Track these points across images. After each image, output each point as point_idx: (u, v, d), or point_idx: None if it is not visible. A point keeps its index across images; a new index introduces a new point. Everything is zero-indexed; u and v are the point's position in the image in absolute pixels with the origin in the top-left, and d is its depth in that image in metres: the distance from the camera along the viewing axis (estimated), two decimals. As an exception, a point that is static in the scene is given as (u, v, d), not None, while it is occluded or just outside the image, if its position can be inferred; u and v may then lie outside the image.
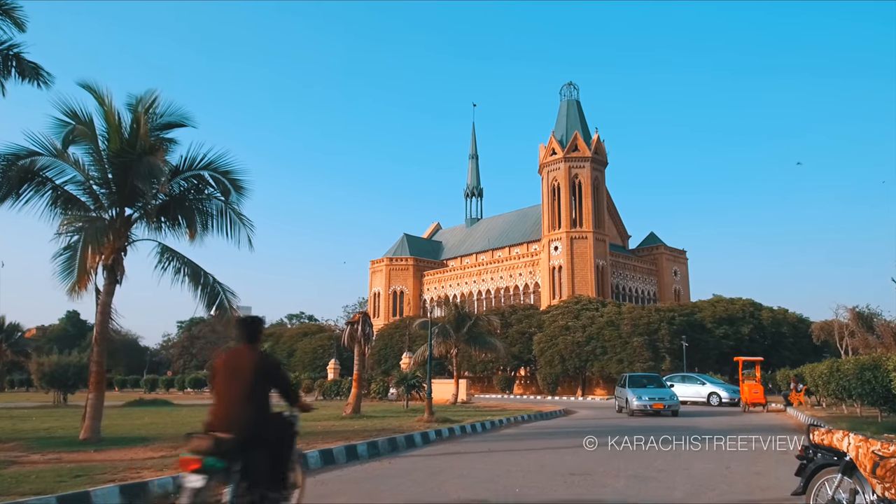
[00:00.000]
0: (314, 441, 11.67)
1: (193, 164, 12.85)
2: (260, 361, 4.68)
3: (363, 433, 13.20)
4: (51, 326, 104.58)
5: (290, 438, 4.92)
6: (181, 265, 12.78)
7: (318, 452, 9.81)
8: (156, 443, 11.58)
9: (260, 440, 4.47)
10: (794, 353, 47.02)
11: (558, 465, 9.71)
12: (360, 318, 18.80)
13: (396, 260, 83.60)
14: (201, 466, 4.22)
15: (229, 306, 13.09)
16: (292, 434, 4.95)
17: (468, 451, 11.67)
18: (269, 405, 4.70)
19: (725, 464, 9.60)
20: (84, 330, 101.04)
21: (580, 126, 69.40)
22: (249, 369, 4.61)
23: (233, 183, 13.09)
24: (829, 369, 17.58)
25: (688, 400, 29.81)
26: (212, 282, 13.02)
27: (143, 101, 12.26)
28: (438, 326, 25.85)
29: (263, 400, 4.66)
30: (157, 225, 12.73)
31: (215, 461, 4.24)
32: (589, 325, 45.14)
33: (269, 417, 4.69)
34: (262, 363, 4.68)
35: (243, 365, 4.64)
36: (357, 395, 19.08)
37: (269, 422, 4.68)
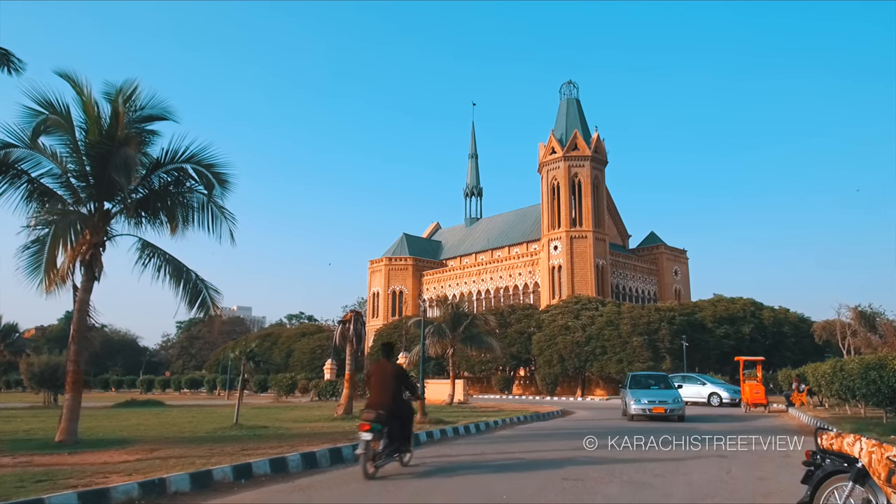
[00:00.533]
0: (298, 443, 11.25)
1: (175, 157, 12.42)
2: (396, 370, 8.67)
3: (352, 435, 12.76)
4: (50, 327, 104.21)
5: (410, 414, 9.01)
6: (163, 261, 12.36)
7: (299, 456, 9.36)
8: (134, 445, 11.16)
9: (396, 415, 8.29)
10: (795, 353, 46.59)
11: (551, 469, 9.27)
12: (353, 316, 18.32)
13: (395, 260, 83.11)
14: (370, 428, 7.92)
15: (212, 304, 12.67)
16: (412, 411, 9.12)
17: (460, 454, 11.24)
18: (401, 395, 8.52)
19: (726, 468, 9.16)
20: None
21: (580, 125, 68.89)
22: (390, 375, 8.50)
23: (216, 176, 12.66)
24: (833, 369, 17.13)
25: (688, 400, 29.23)
26: (194, 279, 12.60)
27: (122, 92, 11.82)
28: (433, 326, 25.37)
29: (398, 392, 8.45)
30: (138, 219, 12.30)
31: (377, 425, 7.97)
32: (588, 325, 44.69)
33: (400, 402, 8.49)
34: (397, 371, 8.68)
35: (387, 372, 8.52)
36: (349, 395, 18.65)
37: (401, 405, 8.50)
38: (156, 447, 10.77)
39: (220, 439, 12.20)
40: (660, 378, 20.72)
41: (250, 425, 14.85)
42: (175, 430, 14.46)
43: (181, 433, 13.60)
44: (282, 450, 10.31)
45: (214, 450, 10.46)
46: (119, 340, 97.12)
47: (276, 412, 21.48)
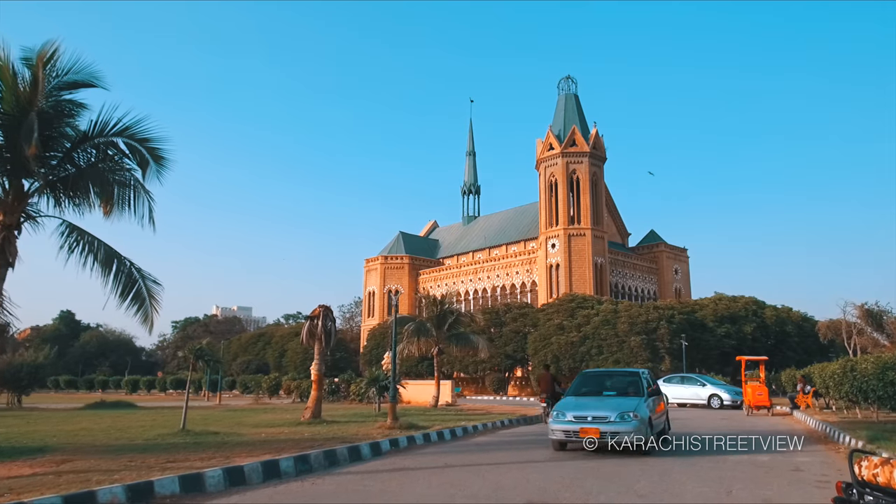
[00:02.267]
0: (238, 454, 9.85)
1: (106, 130, 11.01)
2: (551, 375, 18.97)
3: (305, 443, 11.37)
4: (45, 326, 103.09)
5: (559, 396, 15.44)
6: (91, 247, 10.94)
7: (221, 472, 7.94)
8: (48, 455, 9.78)
9: (553, 396, 17.09)
10: (798, 353, 45.15)
11: (518, 487, 7.86)
12: (321, 311, 16.94)
13: (392, 258, 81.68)
14: (545, 401, 18.07)
15: (149, 297, 11.25)
16: (559, 394, 15.97)
17: (419, 467, 9.82)
18: (555, 388, 17.99)
19: (726, 486, 7.74)
20: (78, 330, 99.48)
21: (578, 121, 67.45)
22: (549, 378, 18.59)
23: (151, 152, 11.26)
24: (843, 369, 15.70)
25: (687, 402, 28.05)
26: (128, 267, 11.19)
27: (42, 55, 10.41)
28: (416, 324, 23.96)
29: (553, 386, 18.09)
30: (61, 199, 10.89)
31: (548, 400, 17.44)
32: (584, 324, 43.23)
33: (553, 391, 17.71)
34: (552, 376, 18.87)
35: (548, 377, 18.74)
36: (317, 398, 17.24)
37: (554, 392, 17.50)
38: (69, 458, 9.39)
39: (153, 448, 10.82)
40: (623, 379, 12.93)
41: (199, 431, 13.46)
42: (114, 436, 13.07)
43: (117, 440, 12.22)
44: (213, 462, 8.93)
45: (135, 461, 9.08)
46: (114, 340, 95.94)
47: (244, 415, 20.08)
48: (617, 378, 13.28)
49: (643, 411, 10.66)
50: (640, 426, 10.26)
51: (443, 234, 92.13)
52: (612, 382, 12.70)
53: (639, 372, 12.67)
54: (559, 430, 10.83)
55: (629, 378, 12.62)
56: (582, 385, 12.57)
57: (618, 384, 12.49)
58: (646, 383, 12.03)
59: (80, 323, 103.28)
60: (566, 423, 10.76)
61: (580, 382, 12.74)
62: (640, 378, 12.20)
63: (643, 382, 11.97)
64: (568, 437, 10.78)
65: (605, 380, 13.11)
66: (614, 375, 13.90)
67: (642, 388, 11.72)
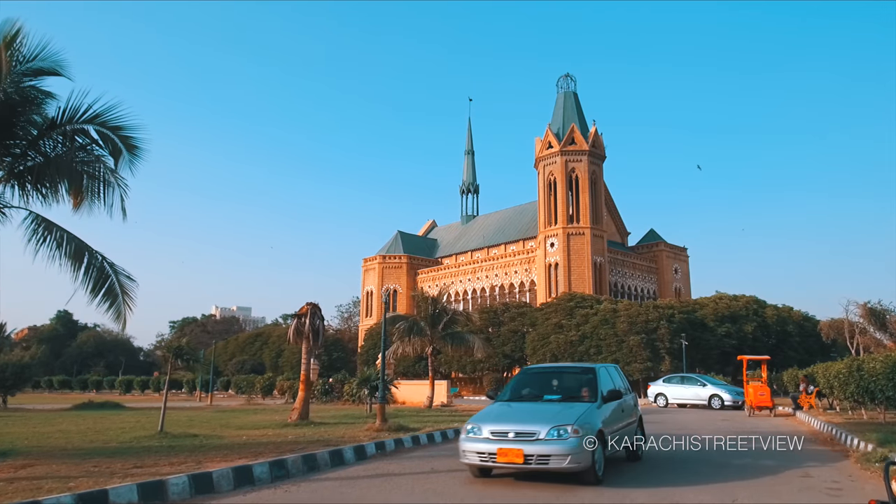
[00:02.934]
0: (212, 458, 9.30)
1: (75, 117, 10.47)
2: None
3: (286, 446, 10.82)
4: (42, 326, 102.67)
5: None
6: (60, 240, 10.39)
7: (186, 479, 7.38)
8: (15, 458, 9.25)
9: None
10: (799, 353, 44.62)
11: (503, 496, 7.31)
12: (309, 309, 16.37)
13: (390, 258, 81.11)
14: None
15: (122, 292, 10.70)
16: None
17: (404, 472, 9.27)
18: None
19: (730, 494, 7.19)
20: (75, 330, 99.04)
21: (577, 119, 66.89)
22: None
23: (125, 141, 10.75)
24: (849, 369, 15.14)
25: (687, 403, 27.53)
26: (100, 261, 10.64)
27: (5, 37, 9.86)
28: (407, 322, 23.40)
29: None
30: (24, 189, 10.34)
31: None
32: (583, 324, 42.68)
33: None
34: None
35: None
36: (304, 398, 16.66)
37: None
38: (31, 463, 8.85)
39: (124, 452, 10.27)
40: (575, 378, 9.83)
41: (178, 433, 12.90)
42: (89, 438, 12.53)
43: (91, 443, 11.68)
44: (183, 467, 8.40)
45: (100, 466, 8.54)
46: (111, 341, 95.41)
47: (232, 416, 19.54)
48: (567, 376, 10.03)
49: (591, 424, 7.80)
50: (581, 446, 7.38)
51: (441, 233, 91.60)
52: (561, 382, 9.60)
53: (595, 368, 9.50)
54: (472, 451, 7.87)
55: (583, 376, 9.51)
56: (522, 386, 9.71)
57: (567, 385, 9.47)
58: (605, 383, 9.18)
59: (78, 323, 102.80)
60: (481, 443, 7.80)
61: (519, 382, 9.86)
62: (595, 376, 9.14)
63: (600, 382, 9.01)
64: (484, 460, 7.78)
65: (551, 379, 9.87)
66: (564, 373, 10.44)
67: (597, 390, 8.80)
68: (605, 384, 9.15)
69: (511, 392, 9.52)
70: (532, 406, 8.82)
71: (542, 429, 7.54)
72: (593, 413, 8.16)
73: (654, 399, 28.77)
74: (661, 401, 28.35)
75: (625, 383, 10.43)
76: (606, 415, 8.49)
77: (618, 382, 9.91)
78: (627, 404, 9.83)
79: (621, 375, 10.63)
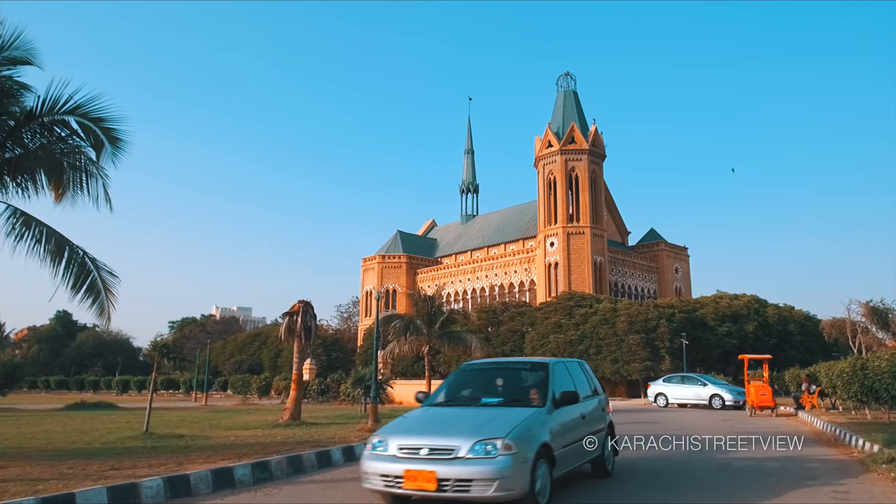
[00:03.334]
0: (193, 460, 8.99)
1: (56, 108, 10.16)
2: None
3: (273, 447, 10.51)
4: (42, 326, 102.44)
5: None
6: (40, 235, 10.08)
7: (161, 481, 7.06)
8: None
9: None
10: (801, 353, 44.25)
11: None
12: (300, 307, 16.06)
13: (389, 257, 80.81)
14: None
15: (104, 289, 10.39)
16: None
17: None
18: None
19: (732, 497, 6.85)
20: (74, 330, 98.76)
21: (577, 117, 66.56)
22: None
23: (106, 133, 10.43)
24: (853, 368, 14.80)
25: (688, 403, 27.23)
26: (81, 257, 10.33)
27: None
28: (403, 321, 23.09)
29: None
30: (2, 182, 10.02)
31: None
32: (582, 323, 42.34)
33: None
34: None
35: None
36: (296, 398, 16.33)
37: None
38: (5, 465, 8.57)
39: (105, 453, 9.96)
40: (522, 376, 8.00)
41: (164, 434, 12.58)
42: (72, 439, 12.23)
43: (73, 444, 11.37)
44: (162, 469, 8.10)
45: (76, 468, 8.23)
46: (110, 341, 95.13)
47: (224, 417, 19.24)
48: (514, 374, 7.99)
49: (532, 436, 6.01)
50: (515, 466, 5.60)
51: (441, 232, 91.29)
52: (506, 382, 7.68)
53: (548, 364, 7.55)
54: (375, 473, 6.00)
55: (532, 374, 7.58)
56: (459, 386, 7.73)
57: (513, 385, 7.61)
58: (561, 383, 7.27)
59: (77, 323, 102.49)
60: (386, 462, 5.94)
61: (456, 382, 7.85)
62: (548, 374, 7.21)
63: (553, 382, 7.10)
64: (389, 485, 5.88)
65: (495, 377, 7.87)
66: (511, 370, 8.26)
67: (548, 391, 6.89)
68: (561, 384, 7.25)
69: (445, 394, 7.53)
70: (462, 412, 6.88)
71: (464, 443, 5.70)
72: (538, 421, 6.35)
73: (654, 399, 28.47)
74: (661, 401, 28.07)
75: (593, 383, 8.72)
76: (559, 423, 6.70)
77: (581, 382, 8.16)
78: (592, 409, 8.02)
79: (588, 373, 8.81)
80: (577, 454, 7.18)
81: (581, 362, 9.06)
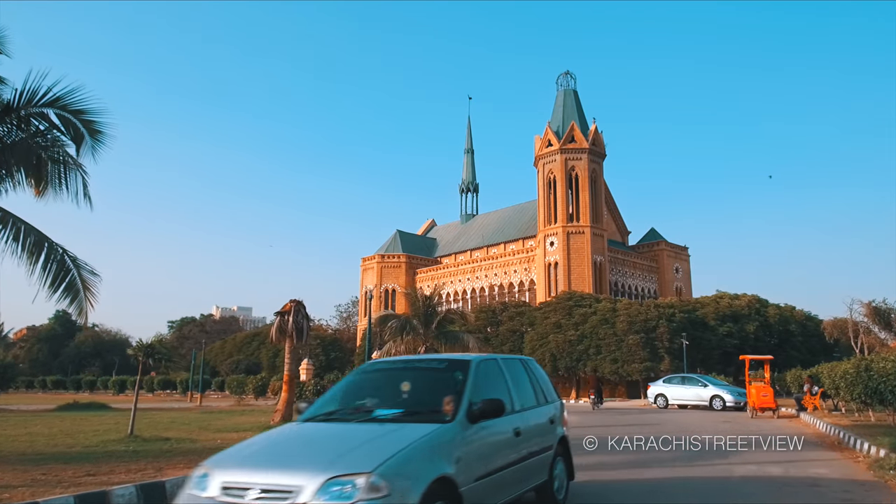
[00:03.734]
0: (174, 465, 8.67)
1: (34, 100, 9.85)
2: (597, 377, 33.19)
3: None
4: (41, 326, 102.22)
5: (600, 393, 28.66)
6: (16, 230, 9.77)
7: (134, 489, 6.72)
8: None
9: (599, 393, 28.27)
10: (802, 353, 43.96)
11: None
12: (292, 306, 15.77)
13: (388, 257, 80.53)
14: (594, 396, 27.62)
15: (84, 288, 10.07)
16: None
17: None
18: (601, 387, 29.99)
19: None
20: (73, 330, 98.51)
21: (577, 116, 66.30)
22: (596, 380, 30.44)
23: (87, 125, 10.12)
24: (857, 369, 14.45)
25: (688, 404, 26.93)
26: (60, 255, 10.02)
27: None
28: (399, 321, 22.78)
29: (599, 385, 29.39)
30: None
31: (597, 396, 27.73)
32: (582, 323, 42.03)
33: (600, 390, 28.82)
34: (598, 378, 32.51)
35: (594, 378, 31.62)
36: (288, 399, 16.08)
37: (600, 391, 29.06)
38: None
39: (84, 457, 9.64)
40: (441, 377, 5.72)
41: (149, 437, 12.25)
42: (55, 441, 11.91)
43: (54, 447, 11.06)
44: (139, 475, 7.78)
45: (50, 474, 7.91)
46: (109, 340, 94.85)
47: (216, 418, 18.92)
48: (424, 376, 5.91)
49: (418, 468, 4.19)
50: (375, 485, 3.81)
51: (440, 232, 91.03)
52: (413, 387, 5.70)
53: (469, 362, 5.59)
54: None
55: (447, 376, 5.61)
56: (353, 392, 5.85)
57: (422, 391, 5.63)
58: (481, 389, 5.30)
59: (76, 323, 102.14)
60: None
61: (349, 387, 5.97)
62: (466, 376, 5.32)
63: (469, 389, 5.16)
64: None
65: (399, 380, 5.90)
66: (420, 370, 6.11)
67: (461, 401, 4.96)
68: (484, 390, 5.27)
69: (332, 403, 5.56)
70: (335, 431, 4.83)
71: (311, 481, 3.81)
72: (438, 444, 4.45)
73: (654, 400, 28.19)
74: (661, 401, 27.78)
75: (541, 388, 6.68)
76: (476, 444, 4.82)
77: (522, 387, 6.24)
78: (535, 423, 6.03)
79: (534, 375, 6.75)
80: (509, 484, 5.31)
81: (527, 360, 7.05)
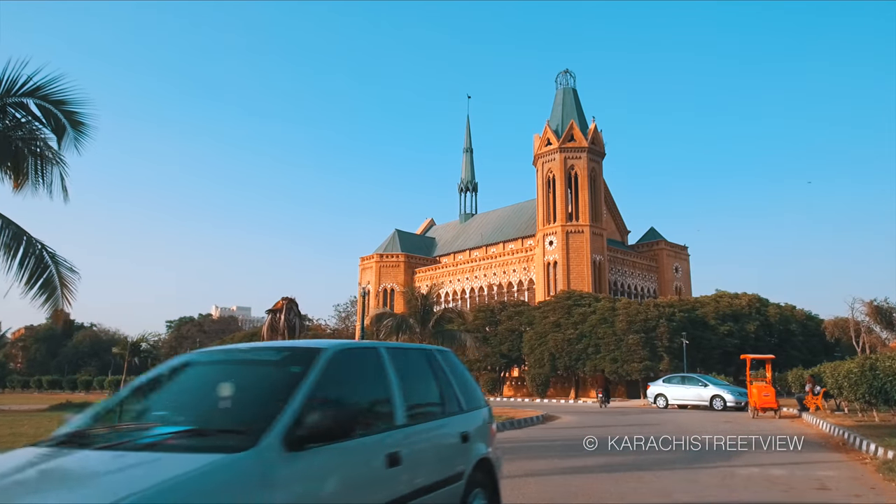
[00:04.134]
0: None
1: (13, 89, 9.54)
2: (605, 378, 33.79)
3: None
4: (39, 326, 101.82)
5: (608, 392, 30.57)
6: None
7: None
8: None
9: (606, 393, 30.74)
10: (803, 353, 43.60)
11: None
12: (284, 304, 15.43)
13: (387, 256, 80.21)
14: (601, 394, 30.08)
15: (61, 285, 9.75)
16: None
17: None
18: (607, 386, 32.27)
19: None
20: (71, 329, 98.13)
21: (576, 115, 65.97)
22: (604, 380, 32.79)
23: (69, 116, 9.81)
24: (861, 368, 14.16)
25: (688, 404, 26.62)
26: (38, 250, 9.70)
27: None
28: (395, 319, 22.43)
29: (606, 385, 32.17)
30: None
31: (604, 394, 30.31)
32: (581, 322, 41.68)
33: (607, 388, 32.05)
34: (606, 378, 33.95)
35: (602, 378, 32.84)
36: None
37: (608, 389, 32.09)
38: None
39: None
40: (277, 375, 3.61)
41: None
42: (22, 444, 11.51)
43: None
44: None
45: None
46: (108, 340, 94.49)
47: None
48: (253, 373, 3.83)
49: None
50: None
51: (439, 232, 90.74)
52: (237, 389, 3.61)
53: (318, 352, 3.47)
54: None
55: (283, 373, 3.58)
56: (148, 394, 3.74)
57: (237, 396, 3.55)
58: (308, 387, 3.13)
59: (74, 322, 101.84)
60: None
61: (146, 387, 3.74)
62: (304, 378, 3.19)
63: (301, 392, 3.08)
64: None
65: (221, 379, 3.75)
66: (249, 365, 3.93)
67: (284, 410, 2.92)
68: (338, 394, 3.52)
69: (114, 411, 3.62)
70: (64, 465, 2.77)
71: None
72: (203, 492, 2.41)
73: (654, 400, 27.88)
74: (660, 401, 27.47)
75: (453, 388, 4.78)
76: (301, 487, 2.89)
77: (423, 389, 4.54)
78: (427, 442, 4.15)
79: (442, 370, 4.81)
80: None
81: (435, 352, 5.02)
